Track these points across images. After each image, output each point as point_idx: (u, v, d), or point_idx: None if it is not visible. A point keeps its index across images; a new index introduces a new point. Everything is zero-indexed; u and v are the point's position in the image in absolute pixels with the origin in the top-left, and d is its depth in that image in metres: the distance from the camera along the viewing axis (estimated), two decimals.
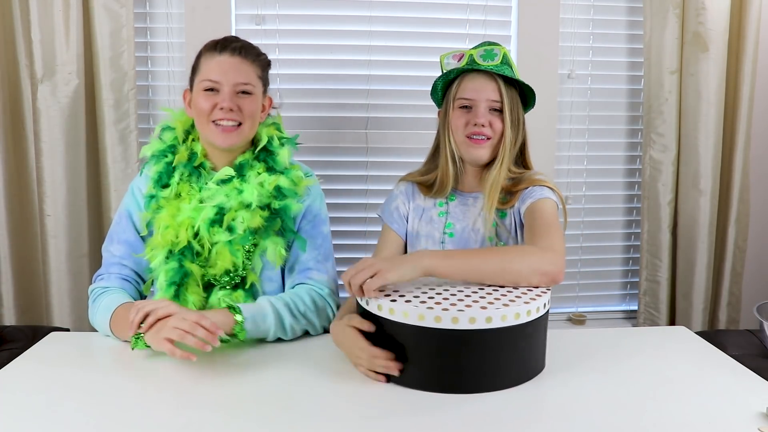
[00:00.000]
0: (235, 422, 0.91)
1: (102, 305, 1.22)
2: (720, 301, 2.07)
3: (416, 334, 0.98)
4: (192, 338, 1.03)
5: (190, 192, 1.28)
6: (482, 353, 0.98)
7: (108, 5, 1.78)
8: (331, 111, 1.98)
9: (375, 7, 1.95)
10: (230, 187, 1.27)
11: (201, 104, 1.27)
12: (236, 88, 1.27)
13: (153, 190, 1.29)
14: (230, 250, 1.26)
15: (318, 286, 1.30)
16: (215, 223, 1.26)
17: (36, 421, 0.91)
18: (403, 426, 0.91)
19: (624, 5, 2.03)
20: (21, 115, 1.88)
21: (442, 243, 1.37)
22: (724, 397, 0.99)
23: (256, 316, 1.17)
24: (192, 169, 1.30)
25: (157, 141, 1.33)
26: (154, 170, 1.30)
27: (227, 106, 1.26)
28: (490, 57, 1.31)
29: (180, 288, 1.25)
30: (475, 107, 1.31)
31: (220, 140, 1.28)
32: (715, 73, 1.92)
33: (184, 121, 1.33)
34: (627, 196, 2.15)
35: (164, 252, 1.26)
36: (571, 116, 2.07)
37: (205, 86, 1.27)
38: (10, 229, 1.87)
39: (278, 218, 1.29)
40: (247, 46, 1.31)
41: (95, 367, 1.10)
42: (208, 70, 1.28)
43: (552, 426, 0.92)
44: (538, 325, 1.03)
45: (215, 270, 1.28)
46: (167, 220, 1.26)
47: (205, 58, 1.29)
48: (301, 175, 1.33)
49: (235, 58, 1.28)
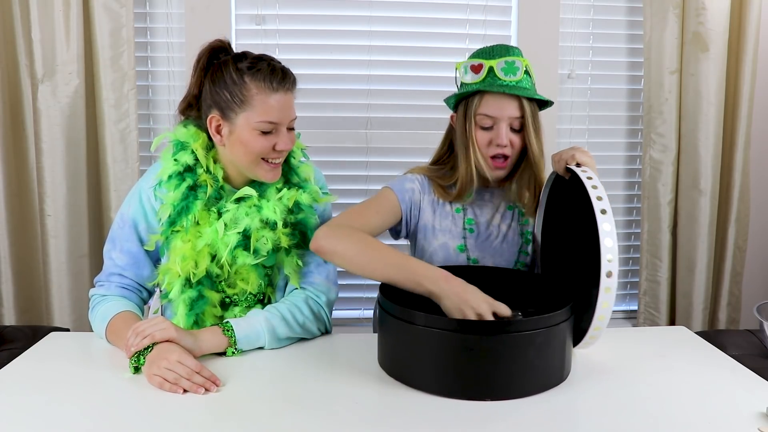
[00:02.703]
0: (235, 422, 0.91)
1: (99, 313, 1.21)
2: (720, 301, 2.07)
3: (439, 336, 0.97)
4: (187, 382, 1.00)
5: (209, 218, 1.22)
6: (497, 359, 0.97)
7: (108, 5, 1.78)
8: (331, 111, 1.98)
9: (375, 7, 1.95)
10: (249, 205, 1.23)
11: (256, 145, 1.18)
12: (289, 125, 1.23)
13: (172, 216, 1.20)
14: (257, 272, 1.24)
15: (315, 293, 1.26)
16: (238, 246, 1.21)
17: (36, 421, 0.90)
18: (403, 427, 0.91)
19: (624, 5, 2.04)
20: (21, 115, 1.88)
21: (463, 238, 1.37)
22: (724, 397, 0.99)
23: (250, 335, 1.15)
24: (215, 193, 1.23)
25: (172, 162, 1.22)
26: (173, 197, 1.20)
27: (287, 148, 1.21)
28: (512, 72, 1.26)
29: (198, 316, 1.22)
30: (497, 126, 1.27)
31: (271, 177, 1.22)
32: (715, 73, 1.92)
33: (201, 142, 1.23)
34: (627, 196, 2.15)
35: (181, 281, 1.20)
36: (571, 116, 2.07)
37: (263, 128, 1.17)
38: (10, 229, 1.87)
39: (297, 233, 1.26)
40: (291, 75, 1.23)
41: (95, 367, 1.10)
42: (267, 111, 1.17)
43: (552, 426, 0.92)
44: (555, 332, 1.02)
45: (235, 291, 1.25)
46: (186, 251, 1.19)
47: (259, 93, 1.16)
48: (318, 191, 1.30)
49: (288, 95, 1.21)
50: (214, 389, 1.00)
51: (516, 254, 1.38)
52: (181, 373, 1.00)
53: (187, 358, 1.03)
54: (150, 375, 1.02)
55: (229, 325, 1.14)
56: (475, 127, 1.29)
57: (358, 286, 2.06)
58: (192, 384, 1.00)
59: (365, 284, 2.06)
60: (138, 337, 1.07)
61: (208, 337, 1.12)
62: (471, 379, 0.97)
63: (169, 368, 1.01)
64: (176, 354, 1.03)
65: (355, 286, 2.06)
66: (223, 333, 1.13)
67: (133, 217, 1.26)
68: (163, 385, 1.00)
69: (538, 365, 0.98)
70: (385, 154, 2.00)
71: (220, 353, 1.14)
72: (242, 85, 1.17)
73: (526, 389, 0.98)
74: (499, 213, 1.37)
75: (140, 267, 1.26)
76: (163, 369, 1.01)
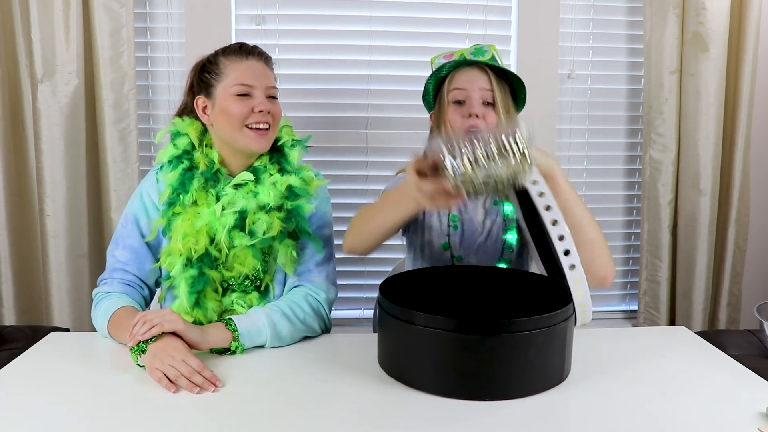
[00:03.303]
0: (235, 422, 0.91)
1: (102, 309, 1.22)
2: (720, 301, 2.07)
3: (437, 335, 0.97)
4: (186, 381, 1.00)
5: (207, 199, 1.26)
6: (503, 358, 0.97)
7: (108, 5, 1.78)
8: (331, 111, 1.98)
9: (375, 7, 1.96)
10: (246, 190, 1.26)
11: (235, 109, 1.24)
12: (267, 92, 1.27)
13: (171, 197, 1.26)
14: (252, 253, 1.26)
15: (315, 291, 1.29)
16: (235, 227, 1.24)
17: (36, 421, 0.90)
18: (403, 427, 0.91)
19: (624, 5, 2.04)
20: (21, 115, 1.88)
21: (448, 236, 1.37)
22: (724, 397, 0.99)
23: (252, 331, 1.16)
24: (210, 175, 1.27)
25: (171, 147, 1.29)
26: (171, 177, 1.26)
27: (265, 108, 1.25)
28: (480, 54, 1.34)
29: (199, 295, 1.24)
30: (469, 99, 1.31)
31: (256, 144, 1.26)
32: (715, 73, 1.92)
33: (195, 128, 1.30)
34: (627, 196, 2.15)
35: (182, 260, 1.24)
36: (571, 116, 2.07)
37: (237, 91, 1.24)
38: (10, 229, 1.87)
39: (292, 219, 1.28)
40: (262, 50, 1.31)
41: (95, 367, 1.10)
42: (238, 75, 1.25)
43: (551, 427, 0.92)
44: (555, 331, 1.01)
45: (232, 273, 1.27)
46: (186, 228, 1.24)
47: (230, 63, 1.26)
48: (312, 176, 1.33)
49: (260, 63, 1.28)
50: (211, 389, 1.00)
51: (500, 251, 1.39)
52: (183, 372, 1.01)
53: (192, 359, 1.04)
54: (152, 368, 1.03)
55: (232, 320, 1.16)
56: (448, 105, 1.33)
57: (359, 286, 2.06)
58: (189, 383, 1.00)
59: (365, 284, 2.06)
60: (146, 326, 1.07)
61: (213, 332, 1.14)
62: (471, 379, 0.97)
63: (173, 365, 1.02)
64: (182, 353, 1.04)
65: (356, 286, 2.06)
66: (226, 327, 1.15)
67: (135, 213, 1.30)
68: (162, 381, 1.01)
69: (538, 365, 0.98)
70: (384, 154, 2.01)
71: (221, 352, 1.14)
72: (218, 63, 1.28)
73: (525, 389, 0.98)
74: (485, 209, 1.38)
75: (142, 261, 1.29)
76: (166, 365, 1.02)
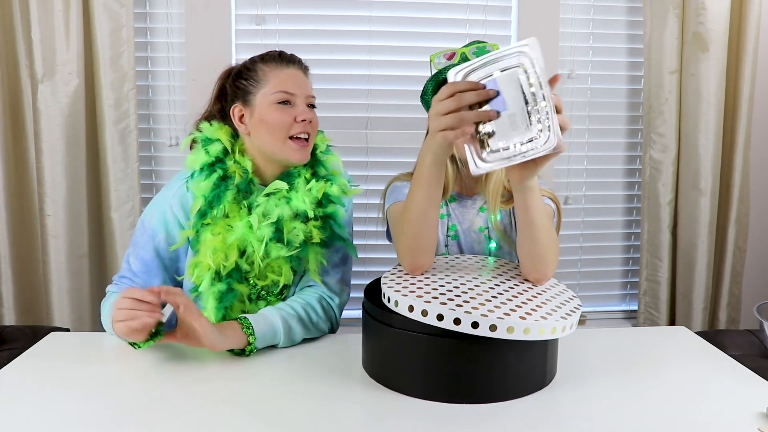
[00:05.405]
0: (235, 422, 0.91)
1: (108, 305, 1.22)
2: (720, 301, 2.07)
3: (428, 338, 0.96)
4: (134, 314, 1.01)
5: (239, 211, 1.22)
6: (495, 361, 0.96)
7: (108, 5, 1.78)
8: (331, 111, 1.98)
9: (375, 7, 1.96)
10: (278, 197, 1.23)
11: (277, 119, 1.21)
12: (307, 101, 1.25)
13: (203, 208, 1.21)
14: (290, 263, 1.24)
15: (329, 295, 1.29)
16: (271, 239, 1.21)
17: (36, 421, 0.90)
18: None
19: (624, 5, 2.04)
20: (21, 115, 1.88)
21: (446, 246, 1.37)
22: (724, 397, 0.99)
23: (267, 335, 1.14)
24: (245, 186, 1.23)
25: (203, 153, 1.24)
26: (204, 187, 1.21)
27: (307, 117, 1.23)
28: (482, 53, 1.29)
29: (227, 310, 1.23)
30: None
31: (298, 156, 1.24)
32: (715, 73, 1.92)
33: (225, 132, 1.26)
34: (627, 196, 2.15)
35: (211, 273, 1.20)
36: (571, 116, 2.07)
37: (279, 98, 1.22)
38: (10, 229, 1.87)
39: (326, 227, 1.27)
40: (300, 59, 1.30)
41: (95, 367, 1.10)
42: (279, 82, 1.23)
43: (550, 427, 0.92)
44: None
45: (266, 282, 1.26)
46: (216, 243, 1.19)
47: (271, 70, 1.24)
48: (347, 183, 1.32)
49: (300, 71, 1.27)
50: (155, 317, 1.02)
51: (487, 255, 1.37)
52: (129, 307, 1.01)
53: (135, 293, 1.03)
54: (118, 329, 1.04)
55: (248, 321, 1.13)
56: None
57: (359, 287, 2.05)
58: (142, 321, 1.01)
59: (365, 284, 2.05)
60: (171, 294, 1.04)
61: (231, 333, 1.11)
62: (453, 382, 0.96)
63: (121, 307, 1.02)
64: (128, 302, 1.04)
65: (355, 287, 2.05)
66: (242, 330, 1.12)
67: (154, 227, 1.26)
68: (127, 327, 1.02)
69: (519, 369, 0.97)
70: (385, 154, 2.01)
71: (222, 353, 1.14)
72: (256, 69, 1.25)
73: (508, 392, 0.97)
74: (480, 218, 1.36)
75: (151, 276, 1.27)
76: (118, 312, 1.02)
